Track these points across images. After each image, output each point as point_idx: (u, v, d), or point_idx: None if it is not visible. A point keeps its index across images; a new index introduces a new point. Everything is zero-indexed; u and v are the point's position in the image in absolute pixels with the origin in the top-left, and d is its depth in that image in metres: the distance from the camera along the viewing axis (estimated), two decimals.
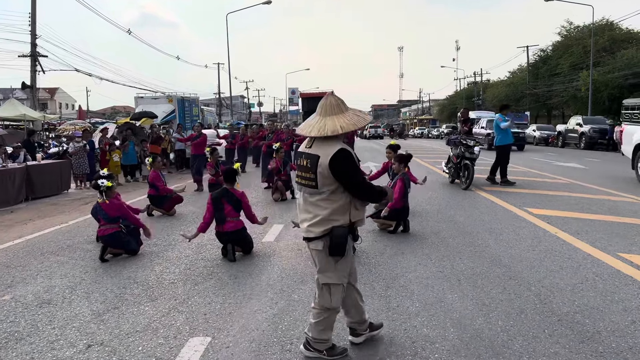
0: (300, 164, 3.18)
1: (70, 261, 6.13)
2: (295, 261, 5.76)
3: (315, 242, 3.14)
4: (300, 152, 3.23)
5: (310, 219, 3.13)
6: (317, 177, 3.04)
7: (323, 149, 3.04)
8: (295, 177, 3.29)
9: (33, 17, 25.87)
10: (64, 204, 11.21)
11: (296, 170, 3.28)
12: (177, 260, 5.97)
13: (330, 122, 3.04)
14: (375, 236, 6.85)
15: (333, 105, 3.12)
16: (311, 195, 3.13)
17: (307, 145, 3.17)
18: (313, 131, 3.06)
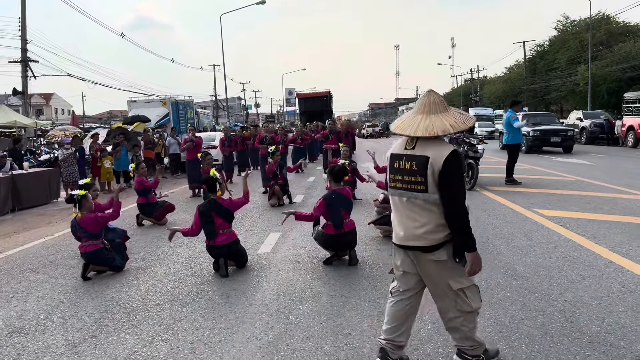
0: (398, 167, 2.91)
1: (50, 280, 5.68)
2: (293, 275, 5.31)
3: (438, 252, 2.85)
4: (396, 154, 2.95)
5: (423, 226, 2.85)
6: (428, 180, 2.78)
7: (432, 150, 2.78)
8: (390, 182, 3.00)
9: (23, 22, 25.39)
10: (52, 214, 10.75)
11: (389, 174, 3.00)
12: (164, 277, 5.51)
13: (437, 120, 2.81)
14: (379, 244, 6.41)
15: (437, 103, 2.88)
16: (419, 200, 2.84)
17: (408, 146, 2.89)
18: (419, 131, 2.80)
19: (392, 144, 3.11)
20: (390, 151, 3.02)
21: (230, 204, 5.63)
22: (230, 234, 5.51)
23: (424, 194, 2.80)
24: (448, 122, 2.79)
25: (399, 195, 2.94)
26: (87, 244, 5.63)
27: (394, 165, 2.95)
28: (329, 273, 5.31)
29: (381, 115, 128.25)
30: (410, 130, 2.83)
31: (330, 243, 5.62)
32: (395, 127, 2.96)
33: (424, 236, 2.84)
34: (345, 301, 4.45)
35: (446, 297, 2.97)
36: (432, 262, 2.89)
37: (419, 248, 2.88)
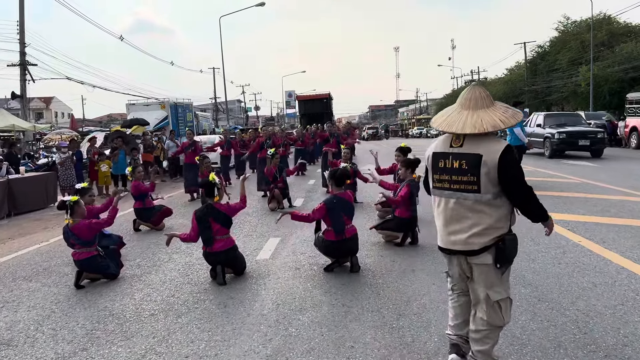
0: (444, 166, 2.77)
1: (43, 288, 5.50)
2: (293, 283, 5.12)
3: (484, 256, 2.75)
4: (440, 152, 2.80)
5: (470, 229, 2.74)
6: (481, 179, 2.64)
7: (484, 147, 2.66)
8: (434, 182, 2.86)
9: (21, 25, 25.26)
10: (49, 219, 10.57)
11: (432, 174, 2.86)
12: (160, 285, 5.33)
13: (485, 115, 2.68)
14: (381, 250, 6.23)
15: (483, 97, 2.75)
16: (469, 201, 2.73)
17: (454, 143, 2.76)
18: (466, 127, 2.65)
19: (433, 143, 2.95)
20: (432, 150, 2.87)
21: (228, 209, 5.45)
22: (227, 240, 5.33)
23: (475, 194, 2.68)
24: (497, 117, 2.66)
25: (446, 197, 2.80)
26: (80, 251, 5.45)
27: (437, 164, 2.80)
28: (330, 281, 5.12)
29: (381, 117, 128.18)
30: (457, 127, 2.68)
31: (331, 249, 5.44)
32: (438, 123, 2.81)
33: (471, 240, 2.74)
34: (347, 311, 4.26)
35: (481, 305, 2.86)
36: (475, 266, 2.81)
37: (465, 252, 2.79)
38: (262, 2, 37.99)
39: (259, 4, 38.06)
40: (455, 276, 3.02)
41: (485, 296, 2.82)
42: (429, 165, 2.90)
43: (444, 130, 2.77)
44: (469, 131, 2.65)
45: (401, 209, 6.34)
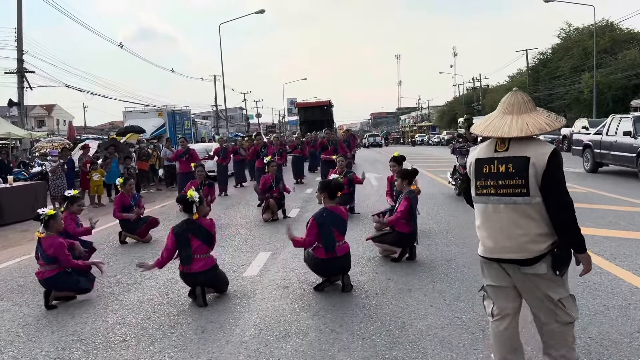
0: (489, 172, 2.69)
1: (13, 308, 5.13)
2: (279, 304, 4.73)
3: (538, 265, 2.63)
4: (484, 158, 2.73)
5: (524, 235, 2.63)
6: (529, 182, 2.58)
7: (532, 149, 2.61)
8: (478, 189, 2.76)
9: (19, 32, 25.08)
10: (36, 230, 10.19)
11: (475, 181, 2.77)
12: (137, 305, 4.95)
13: (530, 119, 2.66)
14: (377, 266, 5.84)
15: (525, 102, 2.73)
16: (519, 205, 2.63)
17: (498, 148, 2.70)
18: (513, 131, 2.62)
19: (474, 150, 2.85)
20: (475, 157, 2.79)
21: (211, 226, 5.05)
22: (208, 259, 4.92)
23: (524, 197, 2.60)
24: (542, 121, 2.64)
25: (493, 203, 2.71)
26: (44, 269, 5.07)
27: (482, 170, 2.73)
28: (319, 301, 4.74)
29: (383, 124, 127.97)
30: (502, 131, 2.65)
31: (321, 268, 5.06)
32: (482, 129, 2.76)
33: (523, 247, 2.62)
34: (336, 338, 3.87)
35: (545, 308, 2.74)
36: (529, 276, 2.68)
37: (517, 261, 2.66)
38: (261, 9, 37.85)
39: (258, 12, 37.92)
40: (494, 290, 2.85)
41: (546, 297, 2.70)
42: (471, 173, 2.82)
43: (489, 135, 2.72)
44: (515, 134, 2.61)
45: (400, 223, 5.96)
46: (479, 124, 2.83)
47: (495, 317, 2.86)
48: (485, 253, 2.79)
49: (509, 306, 2.82)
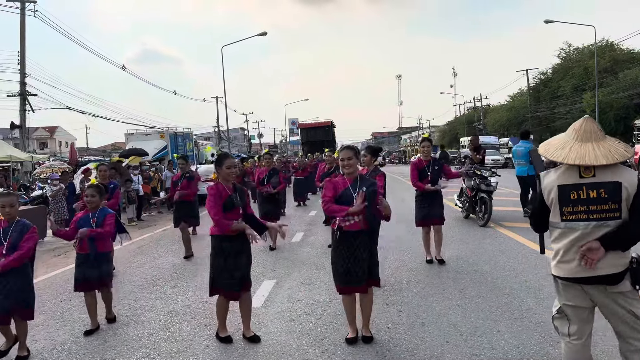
0: (578, 197, 2.79)
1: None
2: (285, 340, 4.49)
3: (622, 284, 2.78)
4: (570, 184, 2.82)
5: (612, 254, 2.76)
6: (622, 206, 2.75)
7: (619, 175, 2.78)
8: (565, 215, 2.82)
9: (22, 55, 25.19)
10: (38, 256, 9.96)
11: (560, 207, 2.83)
12: (136, 341, 4.70)
13: (610, 147, 2.81)
14: (387, 296, 5.59)
15: (599, 130, 2.88)
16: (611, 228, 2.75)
17: (584, 174, 2.81)
18: (600, 158, 2.75)
19: (547, 176, 2.91)
20: (556, 183, 2.86)
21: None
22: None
23: (617, 220, 2.75)
24: (621, 148, 2.79)
25: (582, 228, 2.79)
26: None
27: (569, 196, 2.82)
28: (328, 336, 4.49)
29: (384, 143, 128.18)
30: (589, 159, 2.76)
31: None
32: (564, 157, 2.82)
33: (611, 262, 2.74)
34: None
35: (628, 324, 2.82)
36: (614, 295, 2.79)
37: (606, 278, 2.76)
38: (264, 32, 38.04)
39: (261, 34, 38.07)
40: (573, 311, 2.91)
41: (630, 313, 2.78)
42: (552, 199, 2.87)
43: (577, 164, 2.77)
44: (604, 162, 2.73)
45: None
46: (558, 151, 2.86)
47: (572, 337, 2.94)
48: (570, 274, 2.84)
49: (587, 326, 2.93)
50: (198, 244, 9.24)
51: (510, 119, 52.30)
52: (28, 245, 4.29)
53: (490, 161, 31.73)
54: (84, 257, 5.04)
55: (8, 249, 4.23)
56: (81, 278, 5.02)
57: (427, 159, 7.03)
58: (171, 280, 6.98)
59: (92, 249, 5.01)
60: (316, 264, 7.33)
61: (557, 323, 3.04)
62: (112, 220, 5.18)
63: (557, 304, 3.02)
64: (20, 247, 4.24)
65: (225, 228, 4.33)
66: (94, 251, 5.02)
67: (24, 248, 4.25)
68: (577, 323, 2.91)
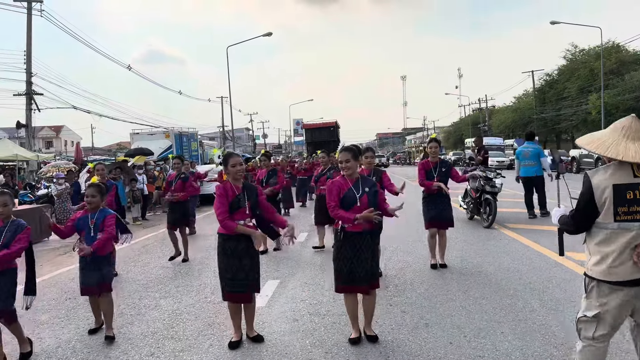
0: (636, 197, 2.75)
1: (13, 341, 4.89)
2: (289, 340, 4.50)
3: None
4: (625, 184, 2.77)
5: None
6: None
7: None
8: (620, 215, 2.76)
9: (28, 55, 25.30)
10: (39, 255, 9.97)
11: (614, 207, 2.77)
12: (141, 339, 4.72)
13: None
14: (391, 297, 5.59)
15: None
16: None
17: (638, 173, 2.78)
18: None
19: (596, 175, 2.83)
20: (611, 182, 2.79)
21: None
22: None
23: None
24: None
25: (637, 228, 2.75)
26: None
27: (625, 196, 2.77)
28: (331, 337, 4.50)
29: (389, 144, 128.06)
30: None
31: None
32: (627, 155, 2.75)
33: None
34: None
35: None
36: None
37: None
38: (269, 32, 38.10)
39: (266, 34, 38.14)
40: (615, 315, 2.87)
41: None
42: (606, 199, 2.79)
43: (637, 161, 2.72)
44: None
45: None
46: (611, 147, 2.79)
47: (596, 341, 2.91)
48: (624, 277, 2.79)
49: (614, 332, 2.95)
50: (200, 244, 9.26)
51: (516, 121, 52.17)
52: (19, 245, 4.22)
53: (496, 162, 31.67)
54: (84, 261, 4.81)
55: (0, 248, 4.17)
56: (82, 282, 4.84)
57: (434, 160, 6.93)
58: (175, 279, 7.00)
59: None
60: (320, 264, 7.33)
61: (582, 326, 2.97)
62: (112, 221, 4.86)
63: (589, 309, 2.93)
64: (11, 246, 4.17)
65: (229, 229, 4.33)
66: (92, 254, 4.69)
67: (14, 247, 4.18)
68: (608, 328, 2.87)
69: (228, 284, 4.37)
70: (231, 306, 4.49)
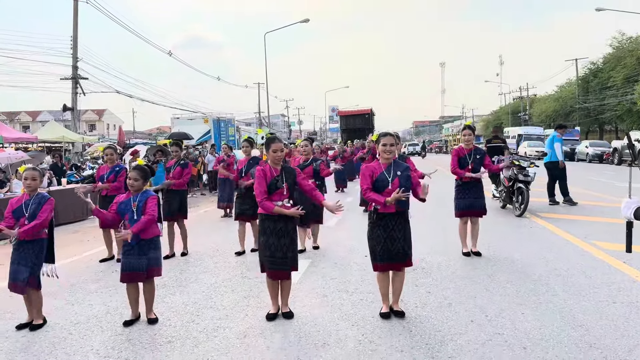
0: None
1: (65, 307, 5.37)
2: (318, 312, 4.80)
3: None
4: None
5: None
6: None
7: None
8: None
9: (75, 40, 26.20)
10: (86, 231, 10.66)
11: None
12: (182, 307, 5.12)
13: None
14: (417, 278, 5.82)
15: None
16: None
17: None
18: None
19: None
20: None
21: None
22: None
23: None
24: None
25: None
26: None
27: None
28: (358, 312, 4.78)
29: (425, 133, 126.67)
30: None
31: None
32: None
33: None
34: (375, 350, 3.91)
35: None
36: None
37: None
38: (306, 19, 38.27)
39: (303, 21, 38.34)
40: None
41: None
42: None
43: None
44: None
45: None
46: None
47: None
48: None
49: None
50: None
51: (557, 110, 50.84)
52: (45, 214, 4.75)
53: (534, 152, 31.08)
54: (129, 246, 4.70)
55: (28, 218, 4.74)
56: (125, 268, 4.72)
57: (468, 148, 6.92)
58: (213, 257, 7.40)
59: (135, 236, 4.62)
60: (350, 247, 7.59)
61: None
62: (154, 203, 4.76)
63: None
64: (38, 217, 4.71)
65: (267, 209, 4.61)
66: (137, 238, 4.65)
67: (41, 218, 4.72)
68: None
69: (268, 260, 4.65)
70: (269, 281, 4.78)
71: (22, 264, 4.74)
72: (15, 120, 67.98)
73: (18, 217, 4.79)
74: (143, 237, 4.70)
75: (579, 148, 34.04)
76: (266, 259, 4.66)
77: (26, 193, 4.90)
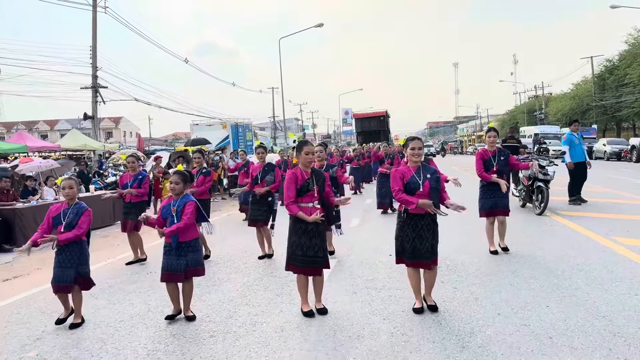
0: None
1: (109, 306, 5.66)
2: (350, 308, 5.03)
3: None
4: None
5: None
6: None
7: None
8: None
9: (94, 50, 26.80)
10: (115, 236, 10.99)
11: None
12: (219, 305, 5.38)
13: None
14: (442, 275, 6.00)
15: None
16: None
17: None
18: None
19: None
20: None
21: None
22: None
23: None
24: None
25: None
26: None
27: None
28: (388, 307, 5.00)
29: (440, 133, 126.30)
30: None
31: None
32: None
33: None
34: (407, 341, 4.13)
35: None
36: None
37: None
38: (320, 23, 38.55)
39: (317, 25, 38.62)
40: None
41: None
42: None
43: None
44: None
45: None
46: None
47: None
48: None
49: None
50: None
51: (574, 108, 50.49)
52: (84, 227, 5.07)
53: (552, 151, 30.98)
54: (169, 246, 4.97)
55: (65, 226, 5.03)
56: (165, 268, 4.96)
57: (492, 150, 7.04)
58: (242, 257, 7.66)
59: (173, 238, 4.88)
60: (374, 247, 7.80)
61: None
62: (191, 209, 4.91)
63: None
64: (79, 227, 5.02)
65: (292, 213, 4.85)
66: (175, 241, 4.89)
67: (82, 229, 5.04)
68: None
69: (299, 259, 4.84)
70: (299, 280, 4.98)
71: (67, 266, 5.05)
72: (34, 129, 69.33)
73: (56, 224, 5.11)
74: (181, 239, 4.92)
75: (597, 146, 33.84)
76: (298, 258, 4.86)
77: (65, 201, 5.20)
